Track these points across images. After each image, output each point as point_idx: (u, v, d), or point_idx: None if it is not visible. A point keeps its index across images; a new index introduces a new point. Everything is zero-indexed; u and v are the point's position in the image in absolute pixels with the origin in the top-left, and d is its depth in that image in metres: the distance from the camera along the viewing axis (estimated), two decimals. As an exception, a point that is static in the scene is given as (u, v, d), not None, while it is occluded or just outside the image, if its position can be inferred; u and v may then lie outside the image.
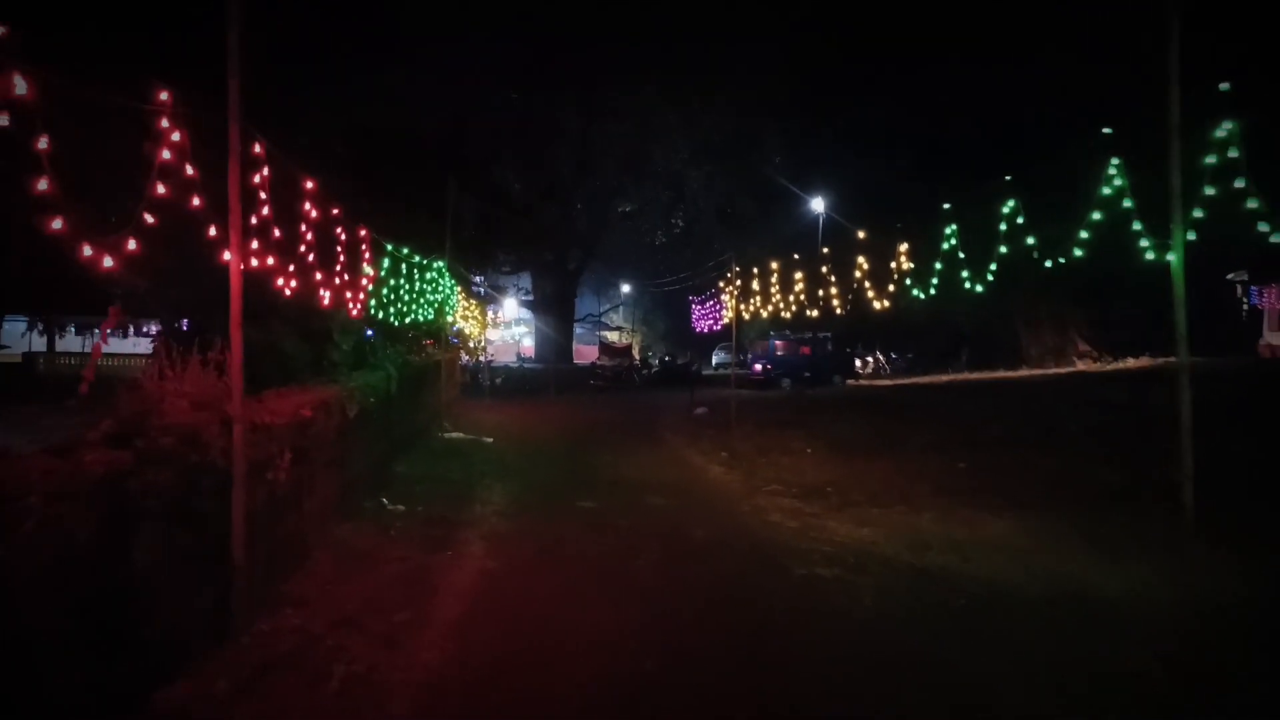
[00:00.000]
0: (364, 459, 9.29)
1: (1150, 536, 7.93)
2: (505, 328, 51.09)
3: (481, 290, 39.33)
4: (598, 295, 51.43)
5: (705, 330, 25.74)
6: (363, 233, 8.21)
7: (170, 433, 4.56)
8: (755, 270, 14.98)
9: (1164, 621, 5.68)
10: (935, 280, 9.87)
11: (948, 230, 9.09)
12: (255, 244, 5.69)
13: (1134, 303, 35.90)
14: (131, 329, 32.00)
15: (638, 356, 39.99)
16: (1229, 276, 36.52)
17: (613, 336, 52.43)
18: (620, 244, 44.30)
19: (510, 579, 6.80)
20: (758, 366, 31.09)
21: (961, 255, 9.10)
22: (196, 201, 4.92)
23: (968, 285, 9.13)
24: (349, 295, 8.08)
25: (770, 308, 14.30)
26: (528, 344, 49.02)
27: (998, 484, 10.54)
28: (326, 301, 7.25)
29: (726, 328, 21.20)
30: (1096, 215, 7.79)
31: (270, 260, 6.17)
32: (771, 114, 33.33)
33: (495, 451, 13.94)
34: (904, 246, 10.78)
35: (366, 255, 8.50)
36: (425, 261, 12.19)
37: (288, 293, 7.78)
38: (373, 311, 9.39)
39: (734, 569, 7.19)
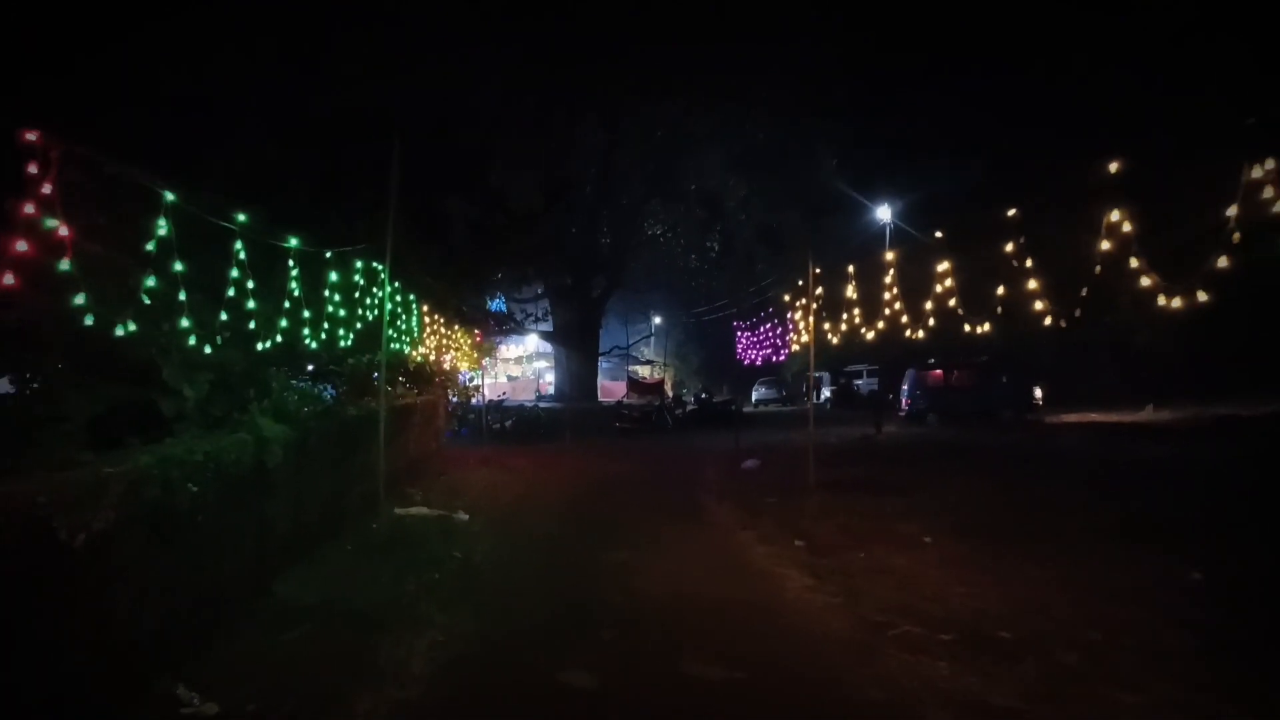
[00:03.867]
0: (161, 601, 5.02)
1: None
2: (524, 362, 47.11)
3: (507, 322, 35.29)
4: (625, 325, 47.15)
5: (758, 361, 21.38)
6: (30, 136, 3.97)
7: None
8: (852, 270, 10.36)
9: None
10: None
11: None
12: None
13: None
14: None
15: (670, 394, 35.54)
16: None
17: (643, 371, 48.12)
18: (649, 268, 40.10)
19: None
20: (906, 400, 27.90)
21: None
22: None
23: None
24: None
25: (881, 323, 9.63)
26: (550, 380, 44.72)
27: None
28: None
29: (794, 355, 16.68)
30: None
31: None
32: (821, 117, 28.93)
33: (464, 540, 9.58)
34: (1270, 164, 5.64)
35: (47, 189, 4.15)
36: (330, 256, 7.90)
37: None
38: (88, 318, 4.91)
39: None
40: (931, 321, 8.07)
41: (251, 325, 6.27)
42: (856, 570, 7.93)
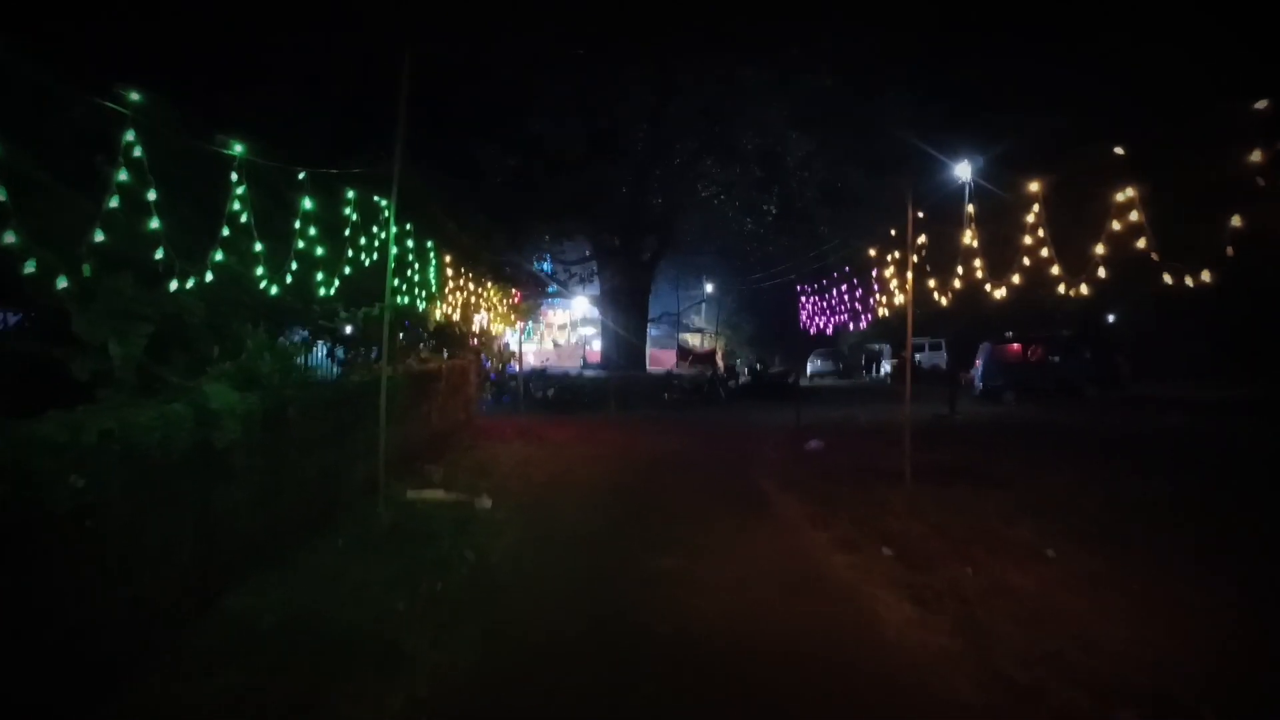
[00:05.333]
0: (13, 649, 3.54)
1: None
2: (570, 328, 45.60)
3: (550, 282, 33.68)
4: (677, 291, 45.21)
5: (828, 329, 19.50)
6: None
7: None
8: (970, 210, 8.18)
9: None
10: None
11: None
12: None
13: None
14: None
15: (722, 364, 33.67)
16: None
17: (693, 339, 46.25)
18: (703, 231, 37.98)
19: None
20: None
21: None
22: None
23: None
24: None
25: (1017, 276, 7.45)
26: (597, 347, 43.05)
27: None
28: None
29: (879, 321, 14.74)
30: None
31: None
32: (894, 63, 26.32)
33: (482, 533, 8.06)
34: None
35: None
36: (303, 178, 6.24)
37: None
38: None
39: None
40: (1102, 271, 6.04)
41: (158, 254, 4.70)
42: (970, 594, 6.18)
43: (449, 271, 11.83)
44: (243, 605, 5.35)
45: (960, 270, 8.13)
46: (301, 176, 6.16)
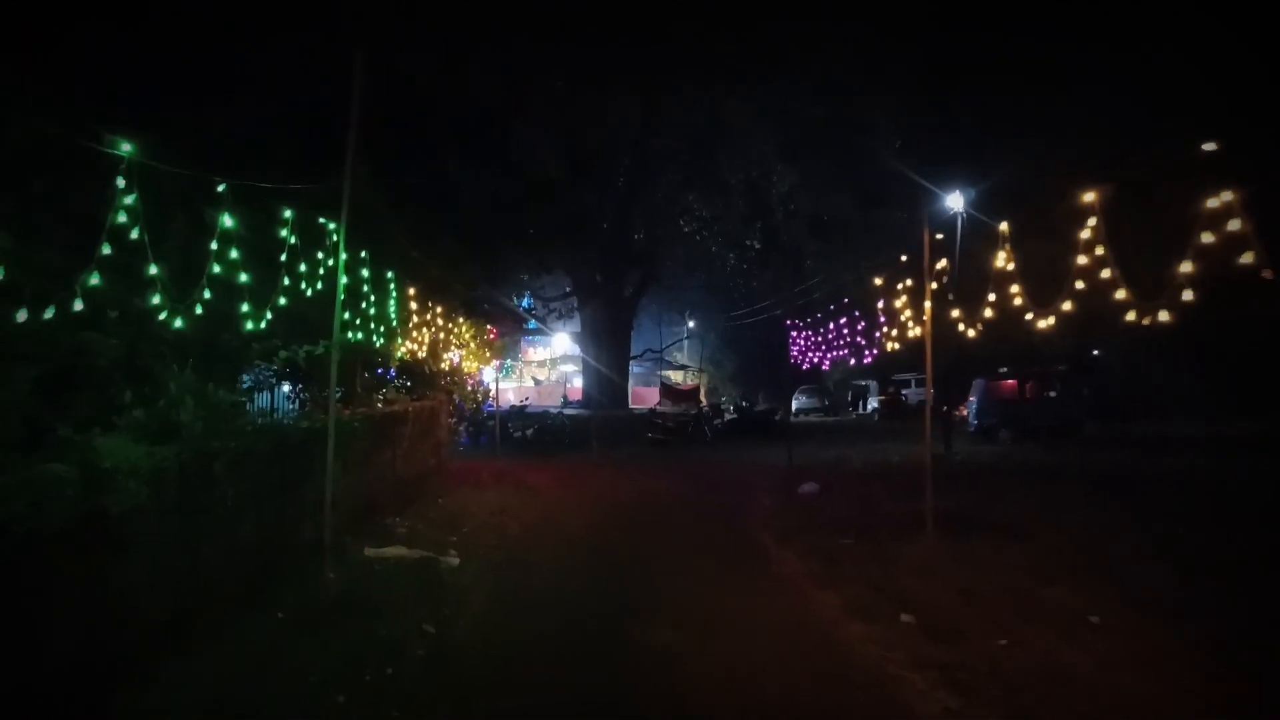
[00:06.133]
0: None
1: None
2: (550, 365, 44.69)
3: (529, 319, 32.83)
4: (660, 327, 44.40)
5: (825, 364, 18.70)
6: None
7: None
8: (1005, 230, 7.12)
9: None
10: None
11: None
12: None
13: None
14: None
15: (706, 402, 32.80)
16: None
17: (676, 376, 45.39)
18: (686, 266, 37.33)
19: None
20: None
21: None
22: None
23: None
24: None
25: (1069, 302, 6.32)
26: (578, 384, 42.04)
27: None
28: None
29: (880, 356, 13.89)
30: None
31: None
32: (883, 92, 25.77)
33: (447, 600, 7.08)
34: None
35: None
36: (223, 189, 5.26)
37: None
38: None
39: None
40: (1188, 294, 5.10)
41: (-1, 274, 3.81)
42: (1014, 676, 5.27)
43: (414, 305, 10.94)
44: (144, 706, 4.36)
45: (993, 297, 7.23)
46: (221, 189, 5.22)
